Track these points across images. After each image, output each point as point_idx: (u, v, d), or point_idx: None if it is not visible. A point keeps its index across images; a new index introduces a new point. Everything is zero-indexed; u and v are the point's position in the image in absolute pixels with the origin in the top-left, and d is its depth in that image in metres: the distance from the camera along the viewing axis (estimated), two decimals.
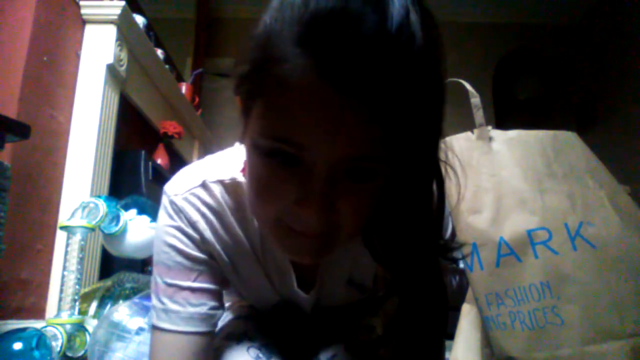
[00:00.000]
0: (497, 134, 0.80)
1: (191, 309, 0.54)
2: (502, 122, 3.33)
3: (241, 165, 0.55)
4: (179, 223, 0.55)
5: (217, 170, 0.56)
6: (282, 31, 0.37)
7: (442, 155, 0.45)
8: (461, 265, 0.82)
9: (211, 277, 0.57)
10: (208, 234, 0.56)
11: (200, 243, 0.56)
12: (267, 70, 0.38)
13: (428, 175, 0.45)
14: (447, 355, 0.85)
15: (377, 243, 0.49)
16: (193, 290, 0.55)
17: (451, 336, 0.90)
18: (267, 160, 0.41)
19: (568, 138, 0.80)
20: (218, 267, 0.58)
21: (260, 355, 0.61)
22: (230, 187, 0.56)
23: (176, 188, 0.56)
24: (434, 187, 0.46)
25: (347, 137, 0.37)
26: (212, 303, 0.56)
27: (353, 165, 0.39)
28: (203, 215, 0.55)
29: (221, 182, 0.55)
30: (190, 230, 0.55)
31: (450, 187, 0.48)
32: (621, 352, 0.65)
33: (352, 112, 0.36)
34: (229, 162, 0.57)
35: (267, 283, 0.62)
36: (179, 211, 0.55)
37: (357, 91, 0.35)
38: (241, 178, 0.55)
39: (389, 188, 0.43)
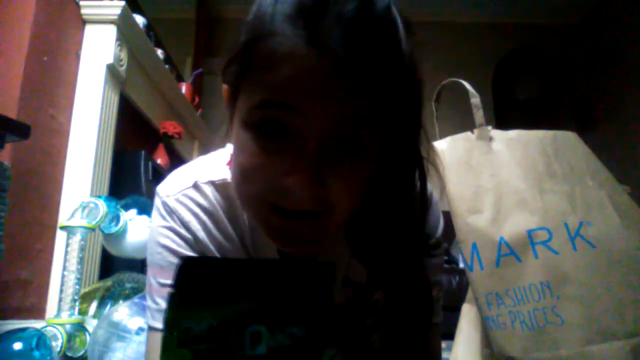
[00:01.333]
0: (497, 134, 0.80)
1: None
2: (502, 122, 3.32)
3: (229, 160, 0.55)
4: (172, 224, 0.55)
5: (208, 171, 0.56)
6: (272, 13, 0.39)
7: (424, 153, 0.47)
8: (461, 265, 0.82)
9: None
10: (201, 234, 0.56)
11: (193, 243, 0.56)
12: (256, 47, 0.40)
13: (410, 164, 0.46)
14: (447, 355, 0.85)
15: (358, 237, 0.50)
16: None
17: (451, 336, 0.90)
18: (256, 135, 0.41)
19: (568, 138, 0.80)
20: None
21: None
22: (221, 187, 0.56)
23: (168, 189, 0.56)
24: (417, 182, 0.47)
25: (335, 99, 0.38)
26: None
27: (340, 131, 0.40)
28: (196, 215, 0.55)
29: (212, 183, 0.56)
30: (183, 231, 0.55)
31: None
32: (621, 352, 0.65)
33: (339, 76, 0.38)
34: (220, 162, 0.57)
35: None
36: (171, 212, 0.55)
37: (343, 58, 0.37)
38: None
39: (375, 177, 0.44)
